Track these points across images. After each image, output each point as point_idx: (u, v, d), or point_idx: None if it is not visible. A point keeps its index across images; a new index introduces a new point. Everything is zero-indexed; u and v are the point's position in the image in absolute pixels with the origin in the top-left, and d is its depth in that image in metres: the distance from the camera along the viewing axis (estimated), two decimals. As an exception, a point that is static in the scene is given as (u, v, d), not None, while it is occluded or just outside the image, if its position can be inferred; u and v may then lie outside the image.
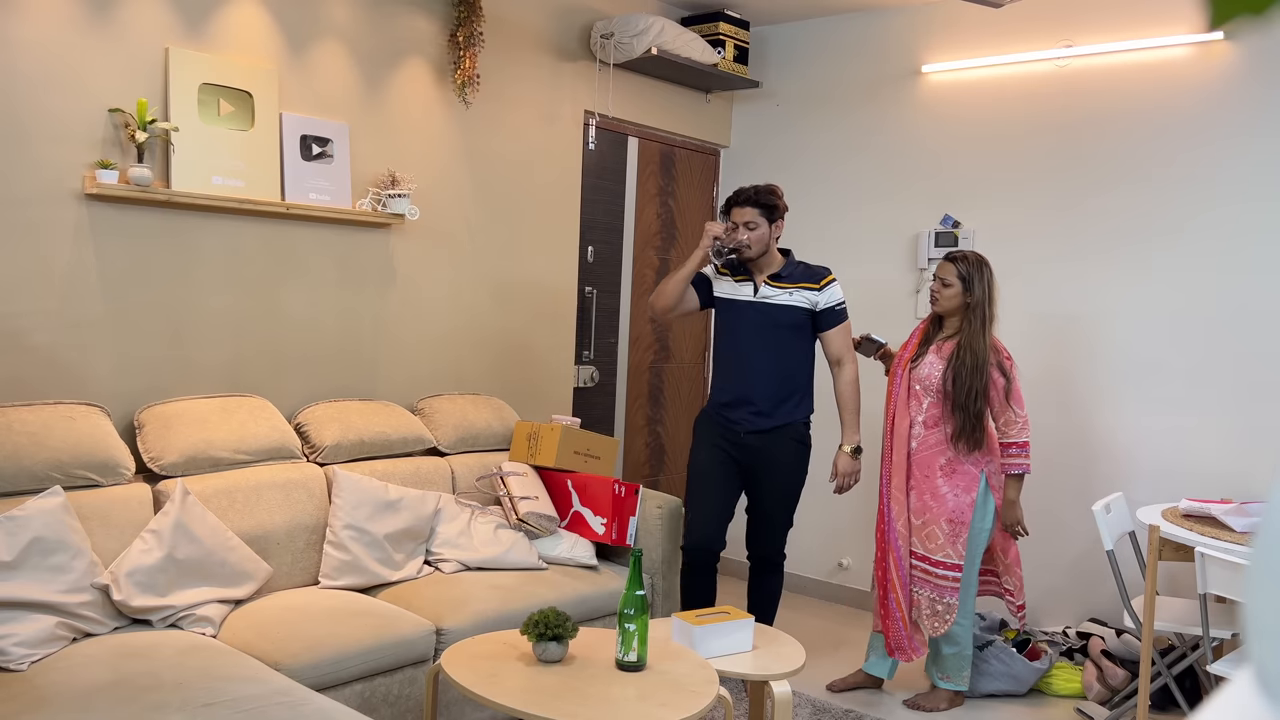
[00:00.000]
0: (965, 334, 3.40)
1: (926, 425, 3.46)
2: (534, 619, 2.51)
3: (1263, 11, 0.51)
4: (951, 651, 3.55)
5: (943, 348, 3.46)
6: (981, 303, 3.39)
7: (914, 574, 3.49)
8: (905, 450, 3.49)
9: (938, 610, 3.45)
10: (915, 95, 4.67)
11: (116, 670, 2.33)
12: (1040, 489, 4.33)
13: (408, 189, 3.67)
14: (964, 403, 3.36)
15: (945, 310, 3.47)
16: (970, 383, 3.35)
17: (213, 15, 3.25)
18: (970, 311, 3.41)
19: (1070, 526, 4.25)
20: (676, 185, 5.06)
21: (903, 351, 3.60)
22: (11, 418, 2.71)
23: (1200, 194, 3.94)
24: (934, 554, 3.44)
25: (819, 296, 3.53)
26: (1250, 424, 3.84)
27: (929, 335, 3.54)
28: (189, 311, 3.26)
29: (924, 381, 3.46)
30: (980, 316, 3.39)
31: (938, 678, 3.61)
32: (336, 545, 3.16)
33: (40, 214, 2.91)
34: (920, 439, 3.47)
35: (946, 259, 3.48)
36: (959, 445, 3.39)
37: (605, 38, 4.39)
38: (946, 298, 3.44)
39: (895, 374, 3.56)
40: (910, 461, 3.49)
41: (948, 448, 3.42)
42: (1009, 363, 3.42)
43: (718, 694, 2.44)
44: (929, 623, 3.47)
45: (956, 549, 3.41)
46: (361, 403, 3.55)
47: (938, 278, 3.47)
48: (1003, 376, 3.39)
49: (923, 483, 3.46)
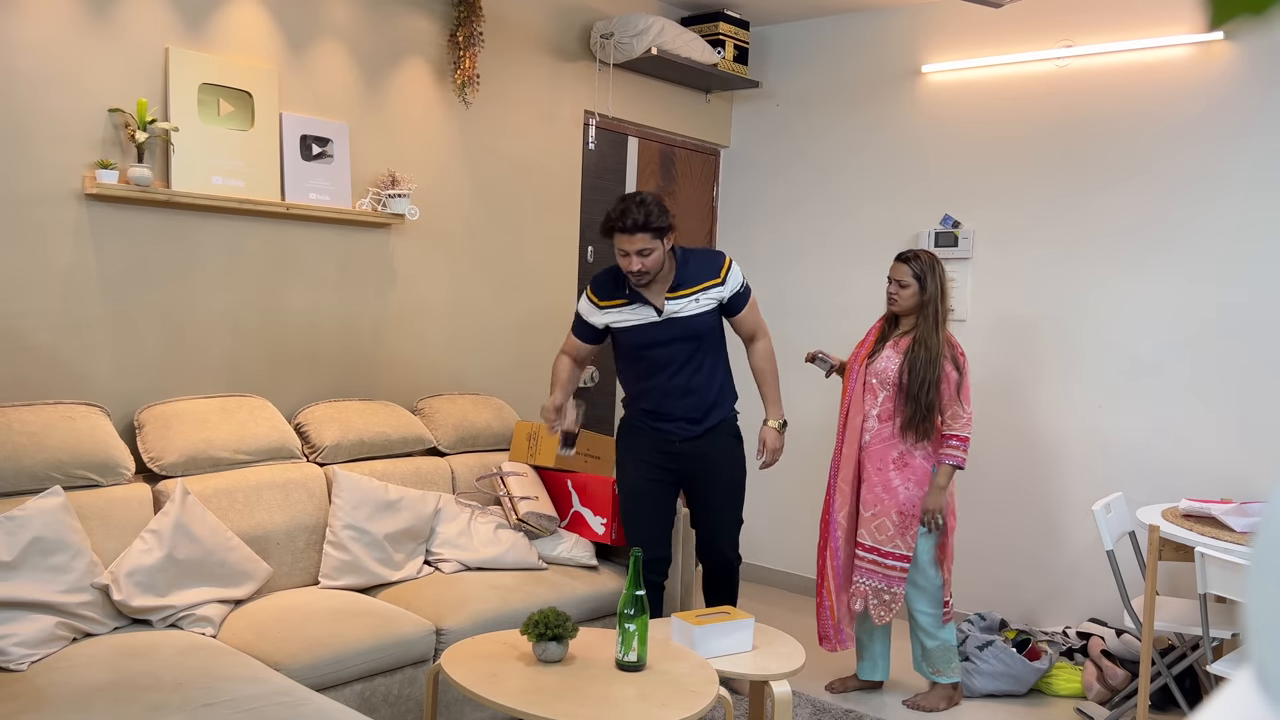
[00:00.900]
0: (921, 329, 3.46)
1: (880, 419, 3.51)
2: (534, 619, 2.51)
3: (1263, 11, 0.51)
4: (934, 645, 3.57)
5: (900, 343, 3.51)
6: (935, 299, 3.45)
7: (862, 564, 3.53)
8: (857, 444, 3.55)
9: (884, 600, 3.50)
10: (915, 95, 4.67)
11: (116, 670, 2.33)
12: (1040, 489, 4.33)
13: (408, 189, 3.67)
14: (916, 393, 3.42)
15: (903, 310, 3.52)
16: (924, 374, 3.41)
17: (213, 15, 3.25)
18: (924, 308, 3.46)
19: (1070, 526, 4.25)
20: (676, 185, 5.05)
21: (859, 349, 3.64)
22: (11, 418, 2.71)
23: (1200, 194, 3.94)
24: (884, 545, 3.49)
25: (723, 289, 3.31)
26: (1250, 424, 3.84)
27: (885, 333, 3.60)
28: (189, 311, 3.26)
29: (880, 375, 3.51)
30: (934, 312, 3.45)
31: (930, 674, 3.63)
32: (336, 545, 3.16)
33: (40, 214, 2.91)
34: (874, 432, 3.52)
35: (899, 260, 3.51)
36: (908, 435, 3.46)
37: (605, 38, 4.39)
38: (905, 298, 3.49)
39: (851, 371, 3.62)
40: (862, 454, 3.55)
41: (900, 440, 3.48)
42: (962, 358, 3.48)
43: (718, 694, 2.44)
44: (876, 611, 3.52)
45: (906, 540, 3.47)
46: (361, 403, 3.55)
47: (893, 279, 3.51)
48: (955, 371, 3.45)
49: (874, 475, 3.50)
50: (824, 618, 3.61)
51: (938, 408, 3.45)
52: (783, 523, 5.09)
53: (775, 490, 5.10)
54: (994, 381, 4.45)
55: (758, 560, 5.19)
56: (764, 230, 5.16)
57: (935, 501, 3.46)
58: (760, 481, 5.12)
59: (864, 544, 3.54)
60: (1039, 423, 4.32)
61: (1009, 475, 4.41)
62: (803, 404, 4.97)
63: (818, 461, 4.93)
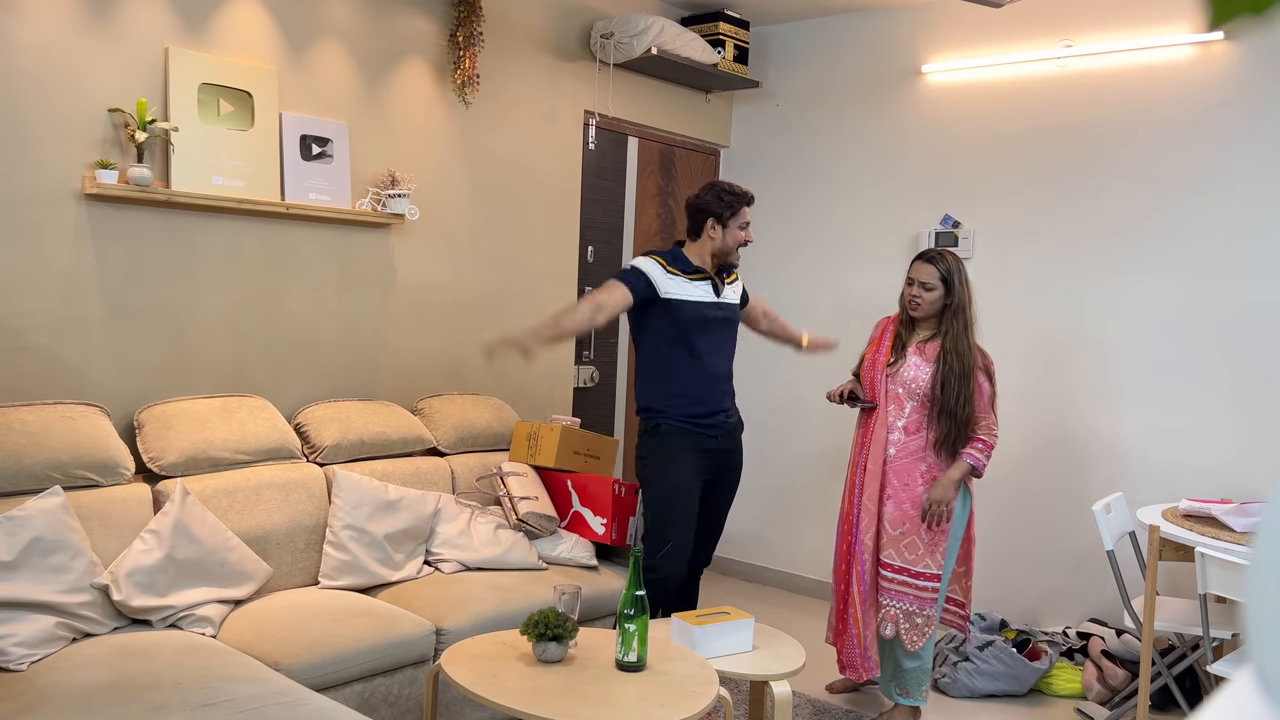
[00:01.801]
0: (949, 337, 3.24)
1: (907, 431, 3.29)
2: (534, 619, 2.51)
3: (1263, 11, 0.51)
4: (912, 666, 3.37)
5: (925, 350, 3.29)
6: (963, 305, 3.24)
7: (891, 586, 3.31)
8: (882, 458, 3.31)
9: (917, 624, 3.29)
10: (915, 95, 4.67)
11: (116, 670, 2.33)
12: (1040, 489, 4.33)
13: (408, 189, 3.67)
14: (952, 408, 3.21)
15: (925, 315, 3.29)
16: (958, 388, 3.20)
17: (213, 15, 3.25)
18: (952, 314, 3.25)
19: (1070, 526, 4.25)
20: (676, 185, 5.06)
21: (875, 355, 3.42)
22: (11, 418, 2.71)
23: (1200, 194, 3.94)
24: (914, 565, 3.27)
25: (741, 283, 3.57)
26: (1250, 424, 3.84)
27: (902, 337, 3.36)
28: (189, 312, 3.26)
29: (908, 385, 3.29)
30: (962, 320, 3.24)
31: (896, 694, 3.42)
32: (336, 545, 3.16)
33: (40, 214, 2.91)
34: (900, 445, 3.30)
35: (923, 260, 3.28)
36: (941, 451, 3.25)
37: (605, 38, 4.39)
38: (929, 302, 3.25)
39: (873, 381, 3.38)
40: (886, 469, 3.31)
41: (928, 453, 3.27)
42: (993, 369, 3.31)
43: (718, 694, 2.44)
44: (908, 636, 3.30)
45: (936, 559, 3.26)
46: (361, 403, 3.55)
47: (916, 281, 3.27)
48: (989, 383, 3.27)
49: (901, 491, 3.28)
50: (849, 646, 3.38)
51: (973, 422, 3.24)
52: (783, 522, 5.09)
53: (776, 489, 5.10)
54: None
55: (758, 560, 5.18)
56: (764, 230, 5.16)
57: (942, 493, 3.21)
58: (761, 481, 5.13)
59: (892, 564, 3.30)
60: (1039, 422, 4.32)
61: (1009, 475, 4.41)
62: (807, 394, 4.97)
63: (818, 460, 4.93)
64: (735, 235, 3.36)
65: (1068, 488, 4.26)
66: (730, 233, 3.35)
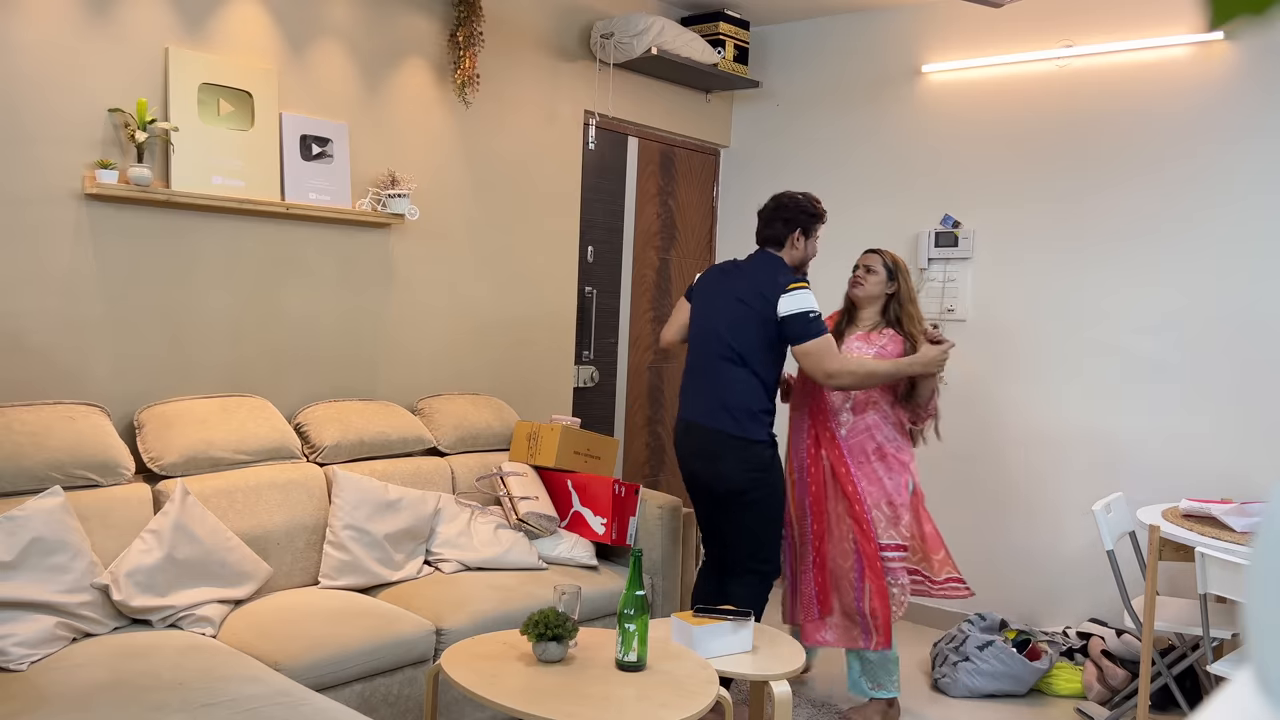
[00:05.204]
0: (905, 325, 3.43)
1: (854, 411, 3.42)
2: (534, 619, 2.51)
3: (1263, 11, 0.51)
4: (876, 655, 3.39)
5: (870, 337, 3.45)
6: (904, 300, 3.47)
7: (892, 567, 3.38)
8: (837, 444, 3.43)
9: (893, 593, 3.36)
10: (915, 95, 4.67)
11: (116, 670, 2.33)
12: (1040, 489, 4.33)
13: (408, 189, 3.67)
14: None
15: (867, 295, 3.48)
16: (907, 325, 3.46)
17: (212, 15, 3.25)
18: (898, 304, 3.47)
19: (1070, 526, 4.25)
20: (676, 185, 5.06)
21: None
22: (11, 418, 2.71)
23: (1201, 194, 3.94)
24: (879, 538, 3.37)
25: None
26: (1250, 424, 3.84)
27: (840, 327, 3.55)
28: (189, 312, 3.26)
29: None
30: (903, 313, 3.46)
31: (869, 689, 3.43)
32: (336, 545, 3.16)
33: (40, 214, 2.91)
34: (849, 425, 3.42)
35: (869, 251, 3.53)
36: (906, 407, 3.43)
37: (605, 37, 4.39)
38: (872, 283, 3.47)
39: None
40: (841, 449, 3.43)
41: (876, 431, 3.40)
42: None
43: (717, 694, 2.44)
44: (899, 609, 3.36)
45: (900, 530, 3.37)
46: (361, 403, 3.55)
47: (862, 265, 3.50)
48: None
49: (855, 469, 3.41)
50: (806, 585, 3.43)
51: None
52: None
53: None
54: (994, 381, 4.44)
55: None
56: (764, 230, 5.16)
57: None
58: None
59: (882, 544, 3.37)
60: (1039, 422, 4.32)
61: (1009, 475, 4.41)
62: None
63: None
64: (814, 247, 3.42)
65: (1068, 488, 4.26)
66: (812, 244, 3.41)
